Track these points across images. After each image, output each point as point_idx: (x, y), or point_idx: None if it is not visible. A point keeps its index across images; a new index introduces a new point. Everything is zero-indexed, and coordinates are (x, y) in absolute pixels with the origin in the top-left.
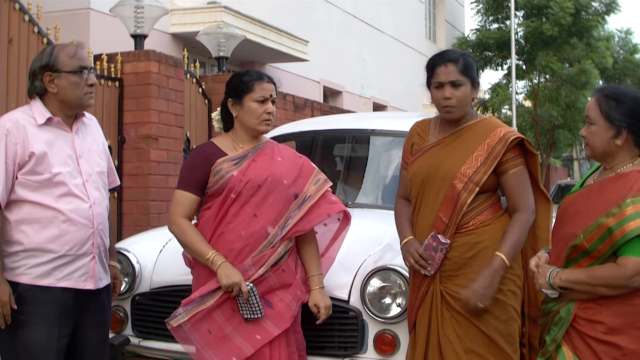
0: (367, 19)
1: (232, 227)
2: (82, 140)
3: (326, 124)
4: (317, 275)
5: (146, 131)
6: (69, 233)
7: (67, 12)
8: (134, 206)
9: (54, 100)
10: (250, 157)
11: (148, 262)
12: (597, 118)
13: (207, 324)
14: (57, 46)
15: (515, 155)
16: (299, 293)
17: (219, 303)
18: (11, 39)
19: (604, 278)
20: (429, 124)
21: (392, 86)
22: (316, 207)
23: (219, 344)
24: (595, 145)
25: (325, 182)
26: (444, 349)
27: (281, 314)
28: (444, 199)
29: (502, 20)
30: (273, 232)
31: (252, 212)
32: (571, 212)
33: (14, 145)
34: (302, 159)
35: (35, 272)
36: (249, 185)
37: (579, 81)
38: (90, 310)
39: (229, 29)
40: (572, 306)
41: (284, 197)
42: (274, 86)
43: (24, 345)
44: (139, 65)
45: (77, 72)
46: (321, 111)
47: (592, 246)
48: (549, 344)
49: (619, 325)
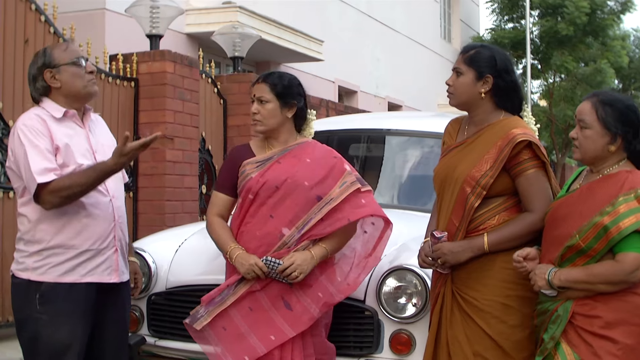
0: (382, 18)
1: (249, 227)
2: (95, 137)
3: (341, 124)
4: (321, 246)
5: (161, 131)
6: (91, 227)
7: (83, 13)
8: (149, 206)
9: (59, 96)
10: (275, 159)
11: (164, 262)
12: (593, 123)
13: (223, 321)
14: (49, 46)
15: (530, 157)
16: (320, 295)
17: (236, 301)
18: (27, 39)
19: (604, 275)
20: (461, 122)
21: (407, 86)
22: (338, 211)
23: (234, 341)
24: (588, 149)
25: (351, 185)
26: (452, 349)
27: (298, 316)
28: (455, 202)
29: (517, 20)
30: (289, 233)
31: (268, 213)
32: (561, 215)
33: (44, 136)
34: (335, 160)
35: (59, 270)
36: (265, 187)
37: (595, 80)
38: (110, 308)
39: (244, 29)
40: (570, 304)
41: (303, 199)
42: (264, 85)
43: (46, 344)
44: (155, 65)
45: (74, 62)
46: (336, 111)
47: (587, 245)
48: (548, 341)
49: (615, 320)
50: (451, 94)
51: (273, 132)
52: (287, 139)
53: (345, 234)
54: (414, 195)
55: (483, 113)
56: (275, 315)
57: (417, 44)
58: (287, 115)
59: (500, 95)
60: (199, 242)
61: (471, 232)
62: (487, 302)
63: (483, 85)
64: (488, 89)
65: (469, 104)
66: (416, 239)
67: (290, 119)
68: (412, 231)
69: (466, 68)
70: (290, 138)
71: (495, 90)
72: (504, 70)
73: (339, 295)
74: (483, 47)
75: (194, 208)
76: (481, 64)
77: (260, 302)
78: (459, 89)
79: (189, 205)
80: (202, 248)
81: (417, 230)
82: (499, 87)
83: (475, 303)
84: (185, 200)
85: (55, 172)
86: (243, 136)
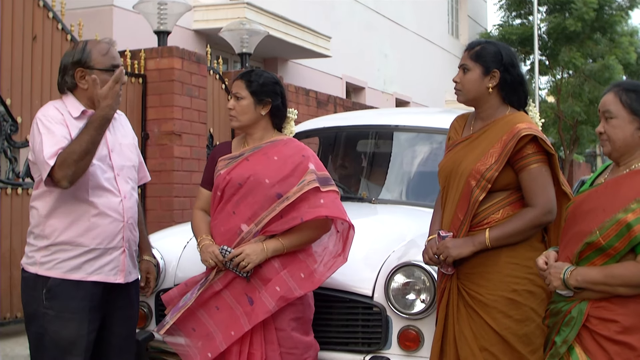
0: (390, 14)
1: (215, 223)
2: (113, 135)
3: (349, 120)
4: (276, 239)
5: (169, 127)
6: (100, 226)
7: (91, 9)
8: (157, 202)
9: (83, 96)
10: (244, 156)
11: (172, 258)
12: (618, 111)
13: (192, 323)
14: (90, 42)
15: (534, 151)
16: (277, 289)
17: (203, 302)
18: (35, 36)
19: (624, 277)
20: (467, 118)
21: (415, 82)
22: (294, 210)
23: (202, 341)
24: (617, 138)
25: (307, 184)
26: (459, 345)
27: (255, 310)
28: (460, 196)
29: (524, 16)
30: (247, 229)
31: (231, 210)
32: (584, 210)
33: (61, 125)
34: (301, 159)
35: (65, 266)
36: (230, 184)
37: (603, 77)
38: (118, 305)
39: (251, 25)
40: (585, 306)
41: (263, 196)
42: (240, 82)
43: (53, 340)
44: (162, 61)
45: (109, 70)
46: (344, 107)
47: (608, 243)
48: (560, 345)
49: (633, 325)
50: (459, 90)
51: (248, 128)
52: (262, 136)
53: (310, 230)
54: (422, 191)
55: (490, 108)
56: (239, 312)
57: (424, 40)
58: (261, 112)
59: (507, 90)
60: None
61: (475, 226)
62: (492, 297)
63: (490, 80)
64: (495, 83)
65: (477, 99)
66: (424, 235)
67: (267, 117)
68: (421, 227)
69: (473, 64)
70: (265, 135)
71: (502, 84)
72: (510, 65)
73: (298, 291)
74: (488, 43)
75: None
76: (487, 59)
77: (225, 300)
78: (466, 85)
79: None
80: None
81: (426, 227)
82: (506, 81)
83: (481, 298)
84: (193, 196)
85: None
86: None
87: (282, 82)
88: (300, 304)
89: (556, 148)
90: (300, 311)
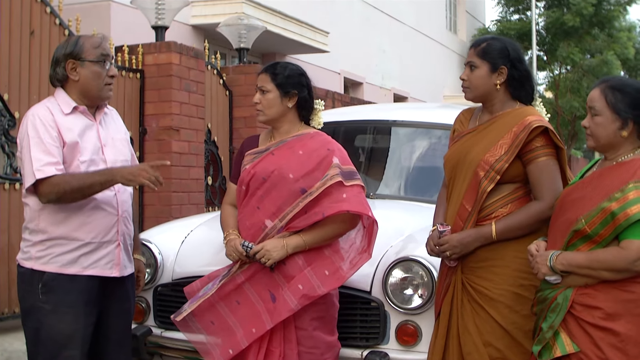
0: (388, 9)
1: (241, 217)
2: (106, 130)
3: (347, 115)
4: (298, 236)
5: (167, 123)
6: (94, 220)
7: (88, 4)
8: (155, 197)
9: (74, 89)
10: (270, 150)
11: (170, 253)
12: (602, 109)
13: (211, 315)
14: (83, 36)
15: (542, 144)
16: (300, 287)
17: (224, 295)
18: (33, 31)
19: (607, 261)
20: (473, 112)
21: (413, 77)
22: (317, 205)
23: (221, 335)
24: (600, 136)
25: (330, 178)
26: (463, 340)
27: (277, 308)
28: (467, 187)
29: (522, 11)
30: (271, 225)
31: (256, 204)
32: (571, 199)
33: (51, 129)
34: (327, 152)
35: (61, 260)
36: (254, 179)
37: (601, 72)
38: (114, 299)
39: (249, 21)
40: (570, 292)
41: (287, 191)
42: (265, 75)
43: (49, 335)
44: (160, 56)
45: (99, 61)
46: (342, 102)
47: (593, 230)
48: (546, 330)
49: (616, 312)
50: (467, 87)
51: (275, 122)
52: (289, 130)
53: (335, 225)
54: (420, 186)
55: (499, 103)
56: (261, 308)
57: (423, 36)
58: (287, 105)
59: (515, 85)
60: (205, 233)
61: (482, 220)
62: (499, 291)
63: (498, 76)
64: (503, 79)
65: (485, 96)
66: (423, 230)
67: (293, 109)
68: (419, 222)
69: (480, 61)
70: (292, 129)
71: (510, 80)
72: (517, 60)
73: (322, 288)
74: (494, 39)
75: (200, 199)
76: (494, 55)
77: (247, 294)
78: (474, 82)
79: (195, 196)
80: (208, 239)
81: (424, 221)
82: (514, 77)
83: (487, 292)
84: (191, 191)
85: (57, 166)
86: (249, 127)
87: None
88: (322, 302)
89: None
90: (323, 310)
